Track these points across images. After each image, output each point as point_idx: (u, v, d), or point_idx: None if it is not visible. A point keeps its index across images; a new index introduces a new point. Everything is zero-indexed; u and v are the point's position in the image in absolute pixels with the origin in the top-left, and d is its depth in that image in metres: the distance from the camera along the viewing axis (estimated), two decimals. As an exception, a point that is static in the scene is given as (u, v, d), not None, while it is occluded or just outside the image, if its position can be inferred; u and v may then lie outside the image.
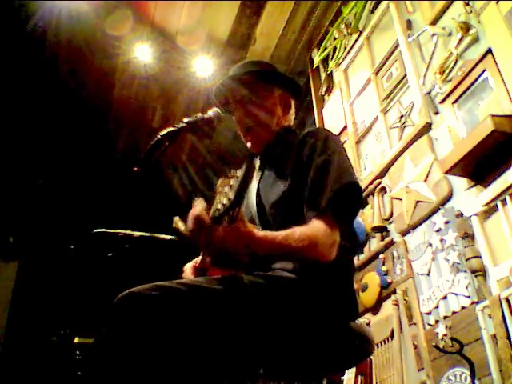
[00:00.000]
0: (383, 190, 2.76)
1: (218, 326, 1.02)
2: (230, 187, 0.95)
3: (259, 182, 1.41)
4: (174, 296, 1.01)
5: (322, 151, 1.26)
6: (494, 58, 2.05)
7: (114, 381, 0.93)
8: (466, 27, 2.21)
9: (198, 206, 1.08)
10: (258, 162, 1.47)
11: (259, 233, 1.09)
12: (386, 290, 2.52)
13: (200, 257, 1.26)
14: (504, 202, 1.92)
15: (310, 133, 1.36)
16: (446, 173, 2.15)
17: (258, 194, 1.38)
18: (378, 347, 2.40)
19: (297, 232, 1.12)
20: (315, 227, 1.15)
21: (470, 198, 2.11)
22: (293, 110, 1.52)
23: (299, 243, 1.10)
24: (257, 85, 1.43)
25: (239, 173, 0.96)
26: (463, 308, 2.01)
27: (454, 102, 2.26)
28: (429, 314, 2.20)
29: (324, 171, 1.22)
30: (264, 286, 1.12)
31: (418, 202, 2.41)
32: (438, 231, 2.25)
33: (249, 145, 1.44)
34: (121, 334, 0.96)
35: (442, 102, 2.34)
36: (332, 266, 1.19)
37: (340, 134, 3.36)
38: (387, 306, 2.50)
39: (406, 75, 2.70)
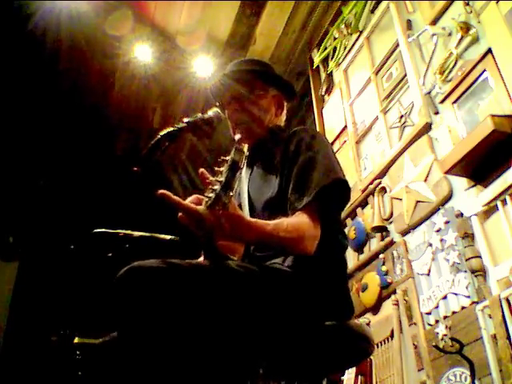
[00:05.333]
0: (383, 189, 2.76)
1: (217, 317, 1.02)
2: (220, 174, 0.94)
3: (249, 182, 1.42)
4: (178, 271, 1.00)
5: (308, 148, 1.28)
6: (494, 58, 2.05)
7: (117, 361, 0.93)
8: (465, 27, 2.21)
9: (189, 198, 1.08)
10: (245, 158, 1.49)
11: (250, 219, 1.08)
12: (386, 290, 2.52)
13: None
14: (504, 202, 1.92)
15: (296, 131, 1.38)
16: (446, 173, 2.16)
17: (248, 195, 1.39)
18: (378, 347, 2.40)
19: (284, 223, 1.12)
20: (301, 220, 1.15)
21: (470, 197, 2.11)
22: (285, 112, 1.54)
23: (287, 234, 1.10)
24: (254, 83, 1.45)
25: (228, 157, 0.95)
26: (463, 308, 2.01)
27: (454, 102, 2.26)
28: (429, 314, 2.20)
29: (309, 168, 1.23)
30: (261, 279, 1.11)
31: (418, 202, 2.41)
32: (437, 231, 2.25)
33: (237, 137, 1.46)
34: (124, 308, 0.95)
35: (442, 102, 2.35)
36: (327, 263, 1.20)
37: (340, 134, 3.36)
38: (387, 306, 2.50)
39: (405, 75, 2.70)
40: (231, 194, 0.91)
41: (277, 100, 1.49)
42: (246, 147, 1.52)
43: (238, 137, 1.45)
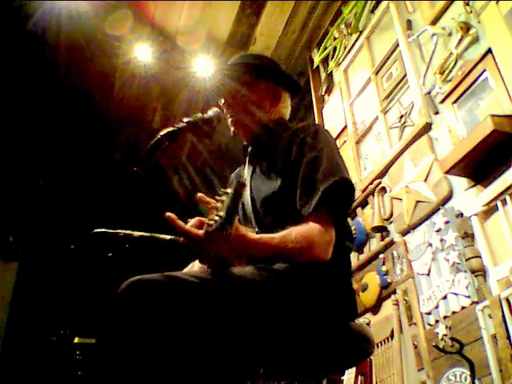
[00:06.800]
0: (383, 190, 2.76)
1: (220, 321, 1.02)
2: (222, 203, 0.95)
3: (251, 179, 1.41)
4: (181, 286, 1.00)
5: (312, 147, 1.26)
6: (494, 58, 2.05)
7: (118, 369, 0.93)
8: (466, 27, 2.21)
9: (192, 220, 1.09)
10: (248, 156, 1.49)
11: (254, 236, 1.07)
12: (386, 290, 2.52)
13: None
14: (504, 202, 1.92)
15: (299, 129, 1.36)
16: (446, 173, 2.15)
17: (251, 192, 1.38)
18: (378, 347, 2.40)
19: (293, 233, 1.11)
20: (310, 227, 1.14)
21: (470, 198, 2.11)
22: (286, 103, 1.51)
23: (296, 244, 1.09)
24: (241, 77, 1.44)
25: (229, 190, 0.96)
26: (463, 308, 2.01)
27: (454, 102, 2.26)
28: (429, 314, 2.20)
29: (314, 168, 1.22)
30: (265, 282, 1.11)
31: (418, 202, 2.41)
32: (438, 231, 2.25)
33: (232, 129, 1.45)
34: (126, 322, 0.95)
35: (442, 102, 2.34)
36: (331, 265, 1.19)
37: (340, 134, 3.36)
38: (387, 306, 2.50)
39: (405, 75, 2.70)
40: (230, 229, 0.91)
41: (270, 91, 1.46)
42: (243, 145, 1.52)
43: (232, 130, 1.45)
